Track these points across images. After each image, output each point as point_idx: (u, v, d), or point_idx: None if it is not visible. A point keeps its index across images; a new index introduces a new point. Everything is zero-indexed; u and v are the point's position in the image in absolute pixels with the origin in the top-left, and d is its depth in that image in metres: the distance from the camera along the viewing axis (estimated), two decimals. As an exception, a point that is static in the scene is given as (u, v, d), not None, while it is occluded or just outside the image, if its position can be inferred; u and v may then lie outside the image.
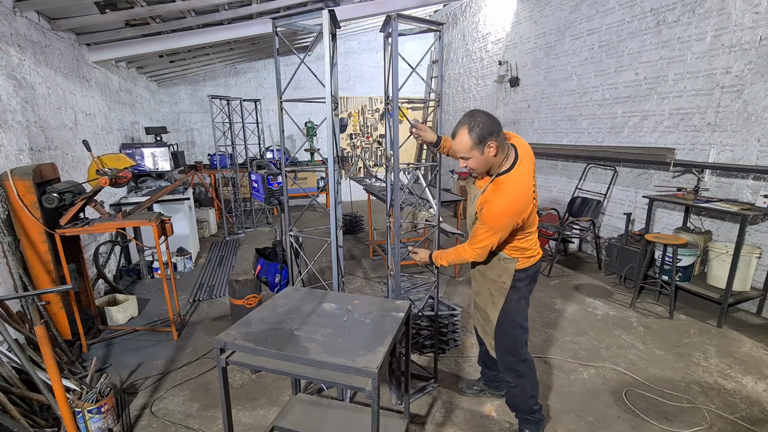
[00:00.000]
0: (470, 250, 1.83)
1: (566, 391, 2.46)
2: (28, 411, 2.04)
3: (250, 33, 4.68)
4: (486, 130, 1.63)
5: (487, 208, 1.72)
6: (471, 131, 1.63)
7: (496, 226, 1.71)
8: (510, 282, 1.89)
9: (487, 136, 1.64)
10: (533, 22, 5.71)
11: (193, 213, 5.26)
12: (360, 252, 5.23)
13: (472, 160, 1.71)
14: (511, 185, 1.71)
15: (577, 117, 5.00)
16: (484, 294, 2.01)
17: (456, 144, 1.69)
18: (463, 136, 1.65)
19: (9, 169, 2.50)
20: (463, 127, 1.66)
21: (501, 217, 1.70)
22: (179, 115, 7.90)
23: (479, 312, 2.11)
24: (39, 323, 1.60)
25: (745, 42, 3.25)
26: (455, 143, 1.70)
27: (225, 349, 1.44)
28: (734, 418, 2.19)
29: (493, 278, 1.93)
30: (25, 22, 3.02)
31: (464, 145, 1.66)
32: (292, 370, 1.36)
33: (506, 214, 1.69)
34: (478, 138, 1.63)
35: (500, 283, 1.92)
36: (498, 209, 1.70)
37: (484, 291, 2.01)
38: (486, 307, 2.02)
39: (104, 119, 4.50)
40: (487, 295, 1.99)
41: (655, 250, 3.62)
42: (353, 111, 8.79)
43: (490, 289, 1.96)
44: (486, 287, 1.99)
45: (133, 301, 3.50)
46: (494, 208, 1.70)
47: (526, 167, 1.74)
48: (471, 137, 1.64)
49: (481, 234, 1.76)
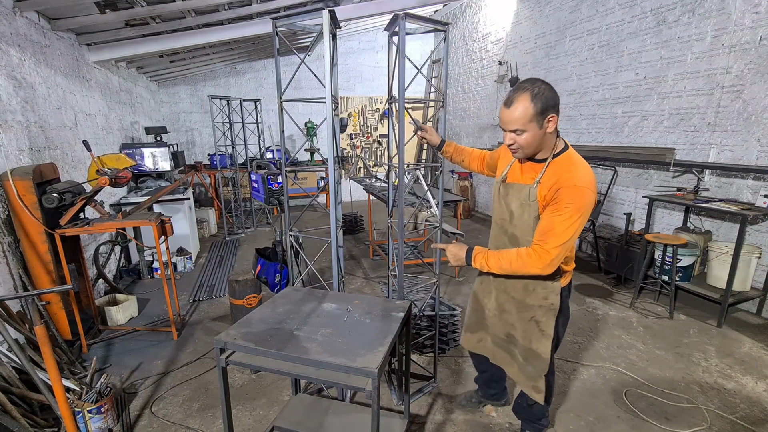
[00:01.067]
0: (542, 253, 1.44)
1: (566, 391, 2.46)
2: (28, 411, 2.04)
3: (250, 33, 4.68)
4: (551, 100, 1.40)
5: (565, 185, 1.41)
6: (534, 98, 1.38)
7: (583, 206, 1.40)
8: (558, 302, 1.60)
9: (551, 107, 1.40)
10: (533, 22, 5.71)
11: (193, 213, 5.26)
12: (360, 252, 5.23)
13: (528, 135, 1.43)
14: (578, 158, 1.49)
15: (577, 117, 5.00)
16: (522, 326, 1.68)
17: (512, 113, 1.41)
18: (525, 103, 1.38)
19: (9, 169, 2.50)
20: (524, 93, 1.40)
21: (586, 191, 1.40)
22: (179, 115, 7.90)
23: (515, 349, 1.76)
24: (39, 323, 1.60)
25: (745, 42, 3.25)
26: (510, 112, 1.42)
27: (225, 349, 1.44)
28: (734, 418, 2.19)
29: (538, 303, 1.62)
30: (25, 22, 3.02)
31: (523, 114, 1.39)
32: (292, 370, 1.36)
33: (590, 187, 1.41)
34: (542, 107, 1.38)
35: (547, 306, 1.61)
36: (582, 182, 1.41)
37: (521, 322, 1.68)
38: (530, 342, 1.67)
39: (104, 119, 4.50)
40: (529, 326, 1.66)
41: (655, 250, 3.62)
42: (353, 111, 8.79)
43: (535, 317, 1.64)
44: (528, 316, 1.66)
45: (133, 301, 3.50)
46: (577, 181, 1.41)
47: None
48: (534, 105, 1.38)
49: (562, 224, 1.40)
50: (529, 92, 1.39)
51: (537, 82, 1.42)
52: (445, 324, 2.82)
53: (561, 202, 1.42)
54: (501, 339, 1.80)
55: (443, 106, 2.16)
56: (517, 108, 1.41)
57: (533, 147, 1.49)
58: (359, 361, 1.28)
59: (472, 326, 1.94)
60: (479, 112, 7.35)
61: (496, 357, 1.88)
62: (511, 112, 1.43)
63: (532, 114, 1.40)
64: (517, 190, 1.59)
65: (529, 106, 1.39)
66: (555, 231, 1.42)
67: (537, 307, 1.63)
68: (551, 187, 1.46)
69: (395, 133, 2.15)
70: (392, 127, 2.19)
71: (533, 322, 1.65)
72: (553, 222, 1.43)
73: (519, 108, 1.41)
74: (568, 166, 1.47)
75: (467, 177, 7.58)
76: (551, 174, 1.48)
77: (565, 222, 1.41)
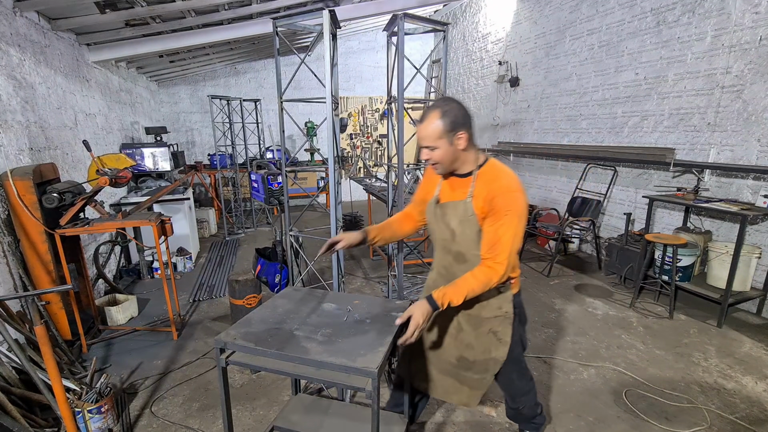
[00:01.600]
0: (496, 266, 1.44)
1: (566, 391, 2.46)
2: (28, 411, 2.04)
3: (250, 33, 4.68)
4: (459, 119, 1.46)
5: (499, 193, 1.45)
6: (443, 116, 1.45)
7: (521, 209, 1.45)
8: (512, 309, 1.63)
9: (460, 125, 1.46)
10: (533, 22, 5.71)
11: (193, 213, 5.26)
12: (360, 252, 5.23)
13: (439, 151, 1.49)
14: (501, 166, 1.55)
15: (577, 117, 5.00)
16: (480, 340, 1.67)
17: (424, 129, 1.48)
18: (435, 120, 1.45)
19: (9, 169, 2.50)
20: (435, 110, 1.47)
21: (519, 195, 1.46)
22: (179, 115, 7.90)
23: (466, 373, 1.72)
24: (39, 323, 1.60)
25: (745, 42, 3.25)
26: (422, 128, 1.49)
27: (225, 349, 1.44)
28: (734, 418, 2.19)
29: (493, 314, 1.63)
30: (25, 22, 3.02)
31: (433, 131, 1.46)
32: (292, 370, 1.36)
33: (521, 190, 1.47)
34: (450, 125, 1.45)
35: (503, 315, 1.62)
36: (514, 186, 1.46)
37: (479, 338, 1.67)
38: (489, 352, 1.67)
39: (104, 119, 4.50)
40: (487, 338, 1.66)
41: (655, 250, 3.62)
42: (353, 111, 8.79)
43: (492, 329, 1.64)
44: (486, 330, 1.65)
45: (133, 301, 3.50)
46: (506, 184, 1.47)
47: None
48: (443, 122, 1.45)
49: (506, 232, 1.43)
50: (439, 110, 1.46)
51: (449, 101, 1.49)
52: (445, 324, 2.82)
53: (500, 211, 1.45)
54: (450, 365, 1.75)
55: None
56: (429, 125, 1.47)
57: (449, 162, 1.53)
58: (359, 361, 1.28)
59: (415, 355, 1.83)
60: (479, 112, 7.35)
61: (437, 389, 1.81)
62: (423, 128, 1.49)
63: (441, 131, 1.46)
64: (453, 208, 1.59)
65: (439, 123, 1.45)
66: (502, 241, 1.44)
67: (492, 318, 1.64)
68: (485, 197, 1.49)
69: (395, 133, 2.16)
70: (392, 127, 2.19)
71: (491, 334, 1.66)
72: (497, 232, 1.45)
73: (430, 125, 1.47)
74: (496, 174, 1.52)
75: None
76: (481, 186, 1.52)
77: (509, 230, 1.44)
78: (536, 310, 3.53)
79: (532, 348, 2.91)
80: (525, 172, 6.23)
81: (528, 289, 3.99)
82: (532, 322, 3.31)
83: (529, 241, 5.24)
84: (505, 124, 6.58)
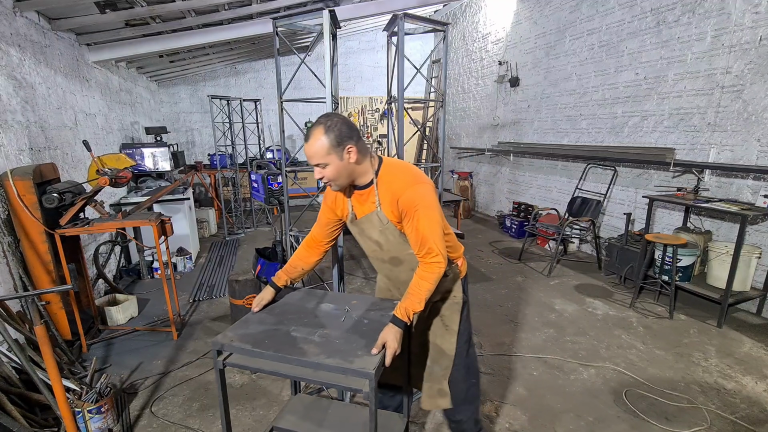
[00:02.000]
0: (433, 261, 1.44)
1: (566, 391, 2.45)
2: (28, 411, 2.04)
3: (250, 33, 4.68)
4: (345, 132, 1.43)
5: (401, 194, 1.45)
6: (327, 132, 1.41)
7: (429, 198, 1.45)
8: (461, 293, 1.63)
9: (347, 138, 1.43)
10: (533, 22, 5.71)
11: (193, 213, 5.27)
12: (360, 252, 5.23)
13: (331, 168, 1.45)
14: (395, 163, 1.56)
15: (577, 117, 4.99)
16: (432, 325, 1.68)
17: (310, 147, 1.43)
18: (319, 137, 1.41)
19: (9, 169, 2.51)
20: (318, 127, 1.43)
21: (420, 186, 1.46)
22: (179, 115, 7.91)
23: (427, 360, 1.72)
24: (39, 323, 1.60)
25: (745, 42, 3.25)
26: (309, 147, 1.44)
27: (222, 351, 1.44)
28: (734, 418, 2.19)
29: (441, 298, 1.64)
30: (25, 22, 3.03)
31: (320, 148, 1.42)
32: (290, 371, 1.36)
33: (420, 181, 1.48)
34: (336, 139, 1.41)
35: (451, 300, 1.61)
36: (411, 181, 1.47)
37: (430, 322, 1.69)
38: (435, 337, 1.68)
39: (104, 119, 4.51)
40: (436, 323, 1.68)
41: (655, 250, 3.62)
42: (353, 111, 8.79)
43: (440, 313, 1.66)
44: (435, 314, 1.67)
45: (133, 301, 3.50)
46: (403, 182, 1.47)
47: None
48: (328, 138, 1.41)
49: (426, 227, 1.43)
50: (322, 126, 1.43)
51: (331, 116, 1.47)
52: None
53: (409, 210, 1.45)
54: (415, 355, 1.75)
55: (442, 106, 2.16)
56: (314, 143, 1.43)
57: (344, 177, 1.50)
58: (356, 363, 1.28)
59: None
60: (479, 112, 7.35)
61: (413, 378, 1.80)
62: (309, 147, 1.45)
63: (328, 146, 1.42)
64: (369, 221, 1.59)
65: (324, 140, 1.42)
66: (426, 236, 1.44)
67: (440, 302, 1.65)
68: (390, 202, 1.49)
69: (395, 133, 2.15)
70: (392, 127, 2.19)
71: (439, 318, 1.66)
72: (418, 230, 1.45)
73: (315, 143, 1.43)
74: (392, 175, 1.51)
75: (467, 177, 7.58)
76: (383, 191, 1.52)
77: (427, 224, 1.43)
78: (536, 309, 3.53)
79: (532, 348, 2.91)
80: (525, 172, 6.23)
81: (528, 289, 3.99)
82: (533, 321, 3.31)
83: (530, 241, 5.24)
84: (505, 124, 6.58)
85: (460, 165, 8.21)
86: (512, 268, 4.57)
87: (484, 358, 2.79)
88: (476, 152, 7.54)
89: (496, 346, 2.95)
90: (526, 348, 2.92)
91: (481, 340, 3.03)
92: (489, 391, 2.45)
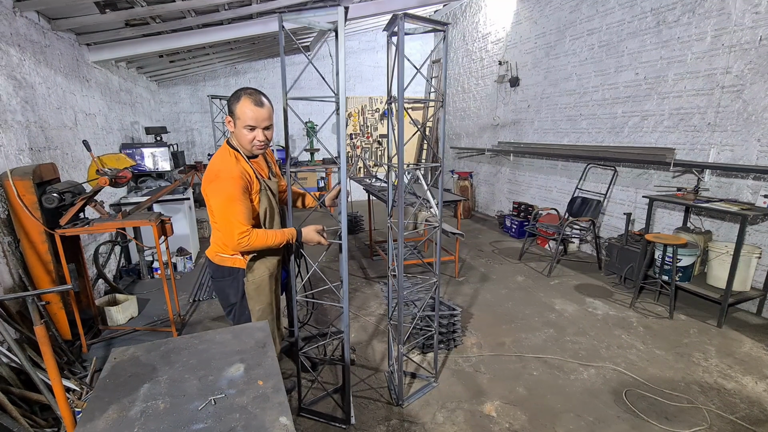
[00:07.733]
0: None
1: (566, 391, 2.45)
2: (28, 411, 2.04)
3: (250, 33, 4.68)
4: None
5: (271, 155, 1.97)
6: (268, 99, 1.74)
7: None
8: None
9: None
10: (533, 22, 5.71)
11: (193, 213, 5.26)
12: (360, 252, 5.23)
13: (271, 129, 1.77)
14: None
15: (577, 117, 5.00)
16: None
17: (267, 110, 1.71)
18: (268, 104, 1.72)
19: (9, 169, 2.50)
20: (260, 94, 1.70)
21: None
22: (179, 115, 7.90)
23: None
24: (39, 323, 1.60)
25: (745, 42, 3.25)
26: (266, 110, 1.70)
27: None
28: (734, 418, 2.19)
29: None
30: (25, 22, 3.02)
31: (271, 112, 1.73)
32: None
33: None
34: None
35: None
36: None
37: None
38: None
39: (104, 119, 4.50)
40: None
41: (655, 250, 3.62)
42: (353, 111, 8.79)
43: None
44: None
45: (133, 301, 3.50)
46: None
47: None
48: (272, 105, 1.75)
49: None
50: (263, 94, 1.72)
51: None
52: (445, 324, 2.82)
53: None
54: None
55: (443, 106, 2.16)
56: (269, 106, 1.72)
57: None
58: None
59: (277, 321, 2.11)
60: (479, 112, 7.35)
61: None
62: (267, 109, 1.70)
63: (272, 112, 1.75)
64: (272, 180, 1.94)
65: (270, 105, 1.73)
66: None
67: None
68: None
69: (395, 133, 2.15)
70: (392, 127, 2.19)
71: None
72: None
73: (270, 107, 1.72)
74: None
75: (467, 177, 7.58)
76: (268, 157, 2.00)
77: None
78: (536, 309, 3.53)
79: (532, 348, 2.91)
80: (525, 172, 6.23)
81: (528, 289, 3.99)
82: (533, 321, 3.31)
83: (530, 241, 5.24)
84: (505, 124, 6.58)
85: (460, 165, 8.21)
86: (512, 268, 4.57)
87: (484, 358, 2.79)
88: (476, 152, 7.54)
89: (496, 346, 2.96)
90: (526, 348, 2.92)
91: (481, 340, 3.03)
92: (489, 391, 2.45)
